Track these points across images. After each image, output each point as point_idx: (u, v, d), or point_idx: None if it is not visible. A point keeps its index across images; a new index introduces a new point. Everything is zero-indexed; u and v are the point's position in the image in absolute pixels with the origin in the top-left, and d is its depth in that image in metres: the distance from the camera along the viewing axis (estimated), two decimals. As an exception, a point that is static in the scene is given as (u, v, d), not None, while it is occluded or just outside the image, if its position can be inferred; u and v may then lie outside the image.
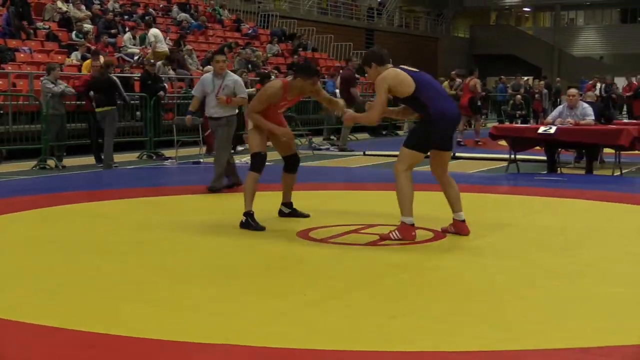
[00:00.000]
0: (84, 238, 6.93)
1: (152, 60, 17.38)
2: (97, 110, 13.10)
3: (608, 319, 4.46)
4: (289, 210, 7.83)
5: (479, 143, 17.89)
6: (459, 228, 6.85)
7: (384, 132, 22.76)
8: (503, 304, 4.82)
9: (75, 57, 18.16)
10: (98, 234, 7.14)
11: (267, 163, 7.43)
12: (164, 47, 20.43)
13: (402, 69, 6.66)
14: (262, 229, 7.10)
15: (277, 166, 8.49)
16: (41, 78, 13.91)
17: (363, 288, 5.19)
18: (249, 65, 21.19)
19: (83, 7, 21.47)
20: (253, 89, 18.42)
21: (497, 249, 6.47)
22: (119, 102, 13.58)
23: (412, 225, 6.59)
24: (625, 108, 26.90)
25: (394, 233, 6.57)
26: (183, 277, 5.47)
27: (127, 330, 4.20)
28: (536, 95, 26.31)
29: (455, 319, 4.46)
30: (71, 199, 9.33)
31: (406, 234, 6.54)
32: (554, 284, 5.29)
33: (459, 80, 19.90)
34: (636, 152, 12.59)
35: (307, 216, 7.73)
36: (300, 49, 27.92)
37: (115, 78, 13.72)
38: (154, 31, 20.45)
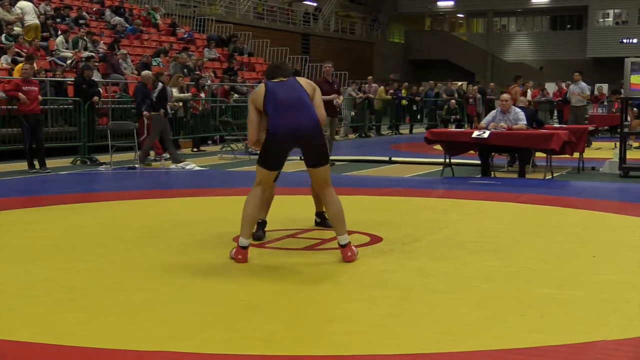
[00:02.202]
0: (16, 244, 6.79)
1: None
2: (152, 114, 14.34)
3: (541, 320, 4.55)
4: (319, 220, 7.50)
5: None
6: (342, 253, 6.14)
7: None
8: (438, 305, 4.87)
9: (5, 60, 17.79)
10: (30, 240, 7.00)
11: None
12: (33, 20, 20.06)
13: (268, 82, 6.24)
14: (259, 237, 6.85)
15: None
16: (-30, 82, 13.58)
17: (300, 292, 5.20)
18: (185, 70, 21.04)
19: (14, 9, 21.02)
20: (189, 94, 18.31)
21: (432, 251, 6.54)
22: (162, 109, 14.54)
23: (244, 248, 6.03)
24: (555, 113, 27.52)
25: (231, 252, 6.15)
26: (117, 283, 5.40)
27: (62, 338, 4.13)
28: (470, 100, 26.72)
29: (391, 322, 4.49)
30: (3, 204, 9.13)
31: (236, 254, 6.04)
32: (488, 285, 5.37)
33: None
34: (567, 156, 12.88)
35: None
36: (237, 54, 27.83)
37: (166, 86, 15.12)
38: (21, 3, 20.08)
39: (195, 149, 18.11)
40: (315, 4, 46.57)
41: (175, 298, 5.03)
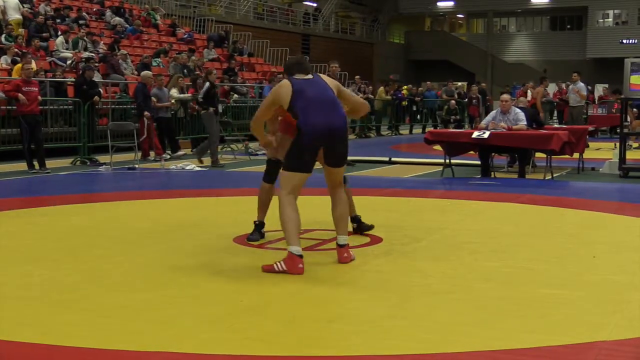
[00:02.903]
0: (15, 245, 6.79)
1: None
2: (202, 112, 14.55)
3: (541, 320, 4.55)
4: (355, 225, 7.22)
5: None
6: (338, 252, 6.13)
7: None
8: (438, 306, 4.87)
9: (5, 61, 17.79)
10: (29, 241, 7.00)
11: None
12: (16, 15, 20.03)
13: (292, 78, 6.06)
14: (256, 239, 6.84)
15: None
16: (-30, 82, 13.58)
17: (300, 293, 5.20)
18: (185, 70, 21.05)
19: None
20: (189, 94, 18.31)
21: (432, 252, 6.54)
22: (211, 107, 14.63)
23: (299, 256, 5.71)
24: (555, 113, 27.51)
25: (278, 264, 5.71)
26: (117, 284, 5.40)
27: (62, 339, 4.13)
28: (473, 101, 26.69)
29: (391, 323, 4.49)
30: (2, 205, 9.13)
31: (291, 265, 5.67)
32: (488, 286, 5.37)
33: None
34: (566, 156, 12.88)
35: (371, 227, 7.27)
36: (236, 54, 27.83)
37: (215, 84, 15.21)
38: None
39: (194, 150, 18.09)
40: (315, 5, 46.59)
41: (175, 299, 5.03)
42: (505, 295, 5.13)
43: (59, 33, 20.98)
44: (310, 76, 6.13)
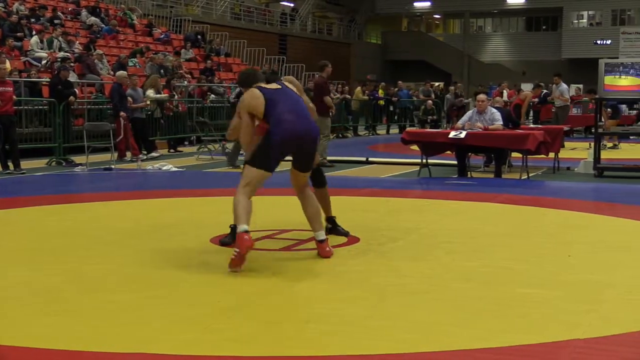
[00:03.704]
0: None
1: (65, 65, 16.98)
2: None
3: (519, 320, 4.57)
4: (330, 226, 7.15)
5: None
6: (319, 248, 6.31)
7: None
8: (416, 306, 4.88)
9: (-22, 61, 17.62)
10: (7, 242, 6.94)
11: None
12: None
13: (261, 88, 6.22)
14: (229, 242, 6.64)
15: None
16: (-57, 82, 13.43)
17: (277, 293, 5.19)
18: (162, 71, 20.95)
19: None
20: (165, 95, 18.24)
21: (410, 252, 6.56)
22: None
23: (245, 231, 5.79)
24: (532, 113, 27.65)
25: (234, 253, 5.80)
26: (96, 285, 5.37)
27: (41, 341, 4.09)
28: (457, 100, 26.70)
29: (369, 322, 4.50)
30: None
31: (240, 243, 5.77)
32: (466, 286, 5.39)
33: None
34: (542, 156, 12.96)
35: (346, 234, 7.17)
36: (213, 54, 27.76)
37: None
38: None
39: (171, 150, 18.03)
40: (292, 5, 46.57)
41: (153, 300, 5.01)
42: (483, 294, 5.15)
43: (34, 33, 20.81)
44: (277, 86, 6.30)
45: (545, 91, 20.85)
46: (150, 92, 17.36)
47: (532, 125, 16.76)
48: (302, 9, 45.19)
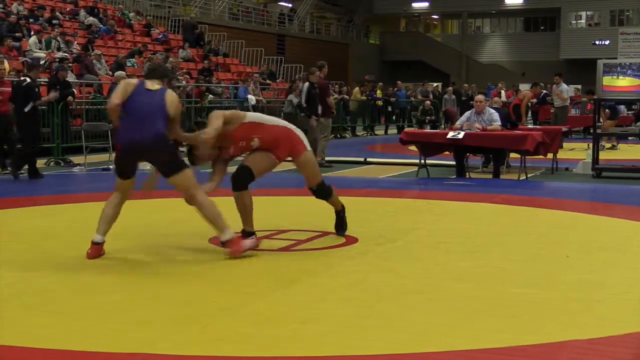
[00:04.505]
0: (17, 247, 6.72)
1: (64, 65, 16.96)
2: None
3: (514, 320, 4.58)
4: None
5: None
6: (228, 248, 6.26)
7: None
8: (412, 306, 4.88)
9: (-23, 61, 17.62)
10: (1, 242, 6.93)
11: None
12: None
13: (140, 81, 6.38)
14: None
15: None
16: (-59, 82, 13.42)
17: (274, 294, 5.20)
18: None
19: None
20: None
21: (407, 252, 6.56)
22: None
23: (95, 243, 6.18)
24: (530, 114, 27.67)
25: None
26: (90, 286, 5.37)
27: (35, 341, 4.09)
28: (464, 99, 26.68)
29: (365, 323, 4.50)
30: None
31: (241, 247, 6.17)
32: (462, 286, 5.40)
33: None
34: (540, 156, 12.97)
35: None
36: (211, 54, 27.76)
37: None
38: None
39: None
40: (290, 5, 46.57)
41: (149, 300, 5.01)
42: (479, 294, 5.16)
43: (32, 33, 20.81)
44: (156, 87, 6.29)
45: (544, 91, 20.86)
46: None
47: (530, 126, 16.77)
48: (300, 9, 45.19)
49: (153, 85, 6.33)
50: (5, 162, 13.13)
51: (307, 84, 13.99)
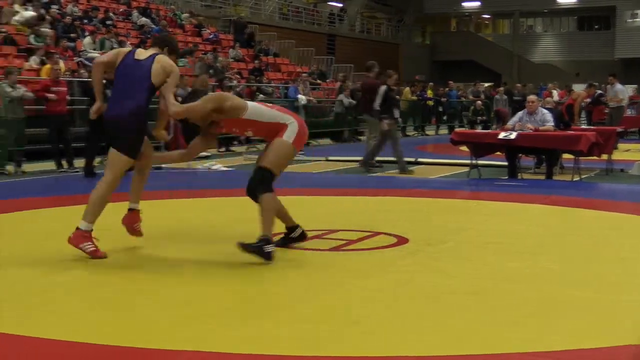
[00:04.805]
0: (45, 244, 6.83)
1: None
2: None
3: (566, 322, 4.51)
4: (283, 236, 6.69)
5: None
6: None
7: (345, 137, 22.88)
8: (460, 307, 4.84)
9: (34, 61, 17.95)
10: (58, 239, 7.04)
11: None
12: None
13: (131, 50, 6.30)
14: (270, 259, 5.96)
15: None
16: (-1, 82, 13.73)
17: (325, 293, 5.19)
18: (211, 71, 21.11)
19: (42, 10, 21.23)
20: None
21: (458, 253, 6.51)
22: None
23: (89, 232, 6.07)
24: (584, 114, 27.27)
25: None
26: (138, 282, 5.43)
27: (89, 337, 4.15)
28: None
29: (414, 324, 4.48)
30: (31, 204, 9.21)
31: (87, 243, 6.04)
32: (511, 287, 5.34)
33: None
34: (594, 157, 12.77)
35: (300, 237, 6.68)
36: (262, 54, 27.90)
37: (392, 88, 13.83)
38: None
39: (222, 149, 18.15)
40: (340, 5, 46.57)
41: (202, 296, 5.05)
42: (529, 296, 5.09)
43: (86, 33, 21.14)
44: (145, 55, 6.13)
45: (598, 92, 20.54)
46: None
47: (584, 127, 16.53)
48: (350, 9, 45.16)
49: (144, 54, 6.13)
50: (61, 161, 13.38)
51: (384, 87, 13.74)
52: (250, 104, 6.19)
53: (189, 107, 6.19)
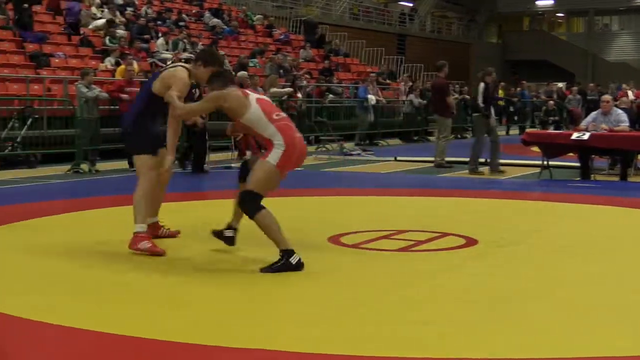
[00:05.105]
0: (117, 241, 6.95)
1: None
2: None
3: (638, 328, 4.42)
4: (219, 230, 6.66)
5: None
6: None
7: (415, 138, 22.77)
8: (531, 310, 4.78)
9: (109, 62, 18.34)
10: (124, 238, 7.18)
11: None
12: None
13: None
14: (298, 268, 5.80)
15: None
16: (75, 83, 14.07)
17: (394, 294, 5.18)
18: (281, 71, 21.25)
19: (117, 13, 21.69)
20: (289, 89, 18.56)
21: (528, 255, 6.43)
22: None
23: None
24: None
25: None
26: (213, 279, 5.50)
27: (160, 334, 4.22)
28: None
29: (483, 325, 4.44)
30: (104, 203, 9.40)
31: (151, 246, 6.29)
32: (582, 290, 5.25)
33: None
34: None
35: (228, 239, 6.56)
36: (332, 54, 27.96)
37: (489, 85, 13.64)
38: None
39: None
40: (411, 5, 46.32)
41: (264, 297, 5.09)
42: (601, 301, 5.00)
43: (160, 35, 21.50)
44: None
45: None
46: (274, 91, 17.70)
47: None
48: (421, 8, 44.91)
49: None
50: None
51: (482, 84, 13.57)
52: (253, 107, 6.01)
53: (191, 108, 6.55)
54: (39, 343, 4.13)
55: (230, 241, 6.47)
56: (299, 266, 5.74)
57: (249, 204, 5.97)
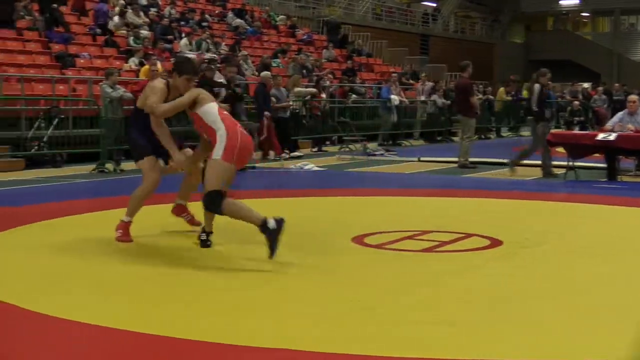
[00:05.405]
0: (141, 240, 6.99)
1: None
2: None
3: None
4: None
5: None
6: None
7: (438, 138, 22.70)
8: (555, 311, 4.74)
9: (133, 62, 18.43)
10: (156, 237, 7.21)
11: None
12: None
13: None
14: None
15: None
16: (100, 83, 14.15)
17: (410, 294, 5.15)
18: (304, 71, 21.25)
19: (141, 13, 21.79)
20: (313, 89, 18.56)
21: (552, 256, 6.38)
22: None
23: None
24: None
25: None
26: (234, 280, 5.50)
27: (181, 333, 4.23)
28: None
29: (508, 327, 4.41)
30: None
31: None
32: (605, 290, 5.22)
33: None
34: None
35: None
36: (355, 55, 27.94)
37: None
38: None
39: (314, 149, 18.26)
40: (434, 5, 46.20)
41: (287, 297, 5.08)
42: (623, 302, 4.94)
43: (183, 35, 21.58)
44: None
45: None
46: (298, 91, 17.72)
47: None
48: (444, 8, 44.77)
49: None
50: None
51: (537, 85, 13.22)
52: (210, 104, 6.58)
53: (174, 103, 6.78)
54: (75, 342, 4.16)
55: (204, 244, 6.61)
56: (280, 228, 5.96)
57: (211, 205, 6.27)
